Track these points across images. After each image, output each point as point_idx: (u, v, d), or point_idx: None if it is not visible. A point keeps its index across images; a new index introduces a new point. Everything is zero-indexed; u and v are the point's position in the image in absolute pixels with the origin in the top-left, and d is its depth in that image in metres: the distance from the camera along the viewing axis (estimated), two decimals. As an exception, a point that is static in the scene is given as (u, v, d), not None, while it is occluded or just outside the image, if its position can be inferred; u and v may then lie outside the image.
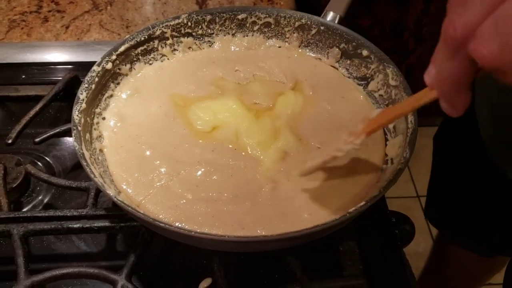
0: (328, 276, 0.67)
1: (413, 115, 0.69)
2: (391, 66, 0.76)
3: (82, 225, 0.69)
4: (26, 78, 0.93)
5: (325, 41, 0.85)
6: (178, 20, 0.85)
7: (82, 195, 0.75)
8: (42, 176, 0.76)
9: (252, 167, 0.71)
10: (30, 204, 0.79)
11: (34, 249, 0.73)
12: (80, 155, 0.65)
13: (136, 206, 0.66)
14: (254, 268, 0.71)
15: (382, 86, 0.78)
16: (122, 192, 0.68)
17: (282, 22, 0.87)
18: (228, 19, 0.87)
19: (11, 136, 0.79)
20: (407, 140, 0.67)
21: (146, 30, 0.83)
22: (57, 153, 0.85)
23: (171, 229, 0.58)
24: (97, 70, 0.76)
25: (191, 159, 0.72)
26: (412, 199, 2.18)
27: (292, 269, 0.66)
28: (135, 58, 0.83)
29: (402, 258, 0.72)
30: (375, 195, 0.61)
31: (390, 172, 0.66)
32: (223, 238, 0.59)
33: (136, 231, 0.69)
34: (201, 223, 0.64)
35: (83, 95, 0.72)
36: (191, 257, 0.71)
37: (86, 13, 1.11)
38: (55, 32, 1.06)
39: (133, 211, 0.59)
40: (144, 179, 0.70)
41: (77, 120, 0.69)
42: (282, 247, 0.65)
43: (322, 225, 0.58)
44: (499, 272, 1.27)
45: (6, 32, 1.05)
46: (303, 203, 0.67)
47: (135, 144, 0.74)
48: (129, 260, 0.65)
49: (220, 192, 0.68)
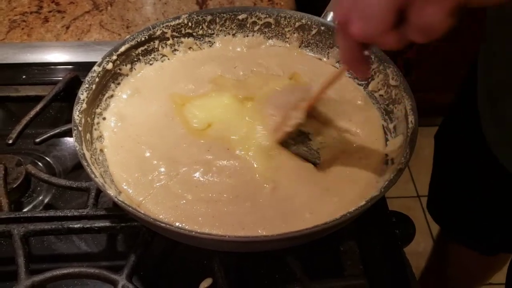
0: (329, 276, 0.67)
1: (413, 115, 0.69)
2: (391, 66, 0.76)
3: (83, 225, 0.69)
4: (27, 78, 0.93)
5: (326, 41, 0.85)
6: (178, 21, 0.85)
7: (83, 195, 0.75)
8: (42, 176, 0.76)
9: (248, 168, 0.71)
10: (31, 205, 0.79)
11: (35, 249, 0.73)
12: (81, 155, 0.65)
13: (137, 206, 0.66)
14: (255, 268, 0.71)
15: (383, 86, 0.78)
16: (122, 192, 0.69)
17: (283, 23, 0.87)
18: (228, 20, 0.87)
19: (12, 137, 0.79)
20: (407, 140, 0.68)
21: (146, 31, 0.83)
22: (58, 153, 0.85)
23: (172, 229, 0.58)
24: (97, 70, 0.76)
25: (190, 159, 0.72)
26: (412, 199, 2.17)
27: (292, 269, 0.66)
28: (136, 58, 0.83)
29: (402, 258, 0.72)
30: (376, 195, 0.61)
31: (391, 172, 0.66)
32: (223, 238, 0.59)
33: (136, 231, 0.69)
34: (202, 223, 0.64)
35: (84, 95, 0.72)
36: (192, 257, 0.71)
37: (87, 14, 1.11)
38: (55, 33, 1.06)
39: (134, 211, 0.60)
40: (144, 179, 0.70)
41: (77, 120, 0.69)
42: (282, 247, 0.65)
43: (322, 225, 0.58)
44: (500, 271, 1.27)
45: (7, 32, 1.05)
46: (303, 203, 0.67)
47: (135, 144, 0.74)
48: (129, 260, 0.65)
49: (220, 193, 0.68)
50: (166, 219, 0.65)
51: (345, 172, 0.71)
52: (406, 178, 2.19)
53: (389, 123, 0.76)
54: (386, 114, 0.77)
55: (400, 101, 0.74)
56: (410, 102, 0.71)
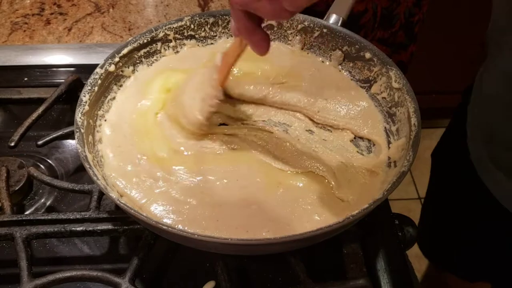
0: (332, 279, 0.66)
1: (416, 117, 0.69)
2: (394, 69, 0.76)
3: (85, 228, 0.69)
4: (29, 80, 0.93)
5: (328, 43, 0.85)
6: (181, 23, 0.85)
7: (85, 197, 0.75)
8: (44, 178, 0.76)
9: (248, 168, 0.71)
10: (33, 207, 0.79)
11: (37, 252, 0.73)
12: (83, 157, 0.65)
13: (139, 209, 0.66)
14: (258, 271, 0.71)
15: (385, 88, 0.78)
16: (124, 195, 0.68)
17: (285, 25, 0.87)
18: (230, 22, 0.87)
19: (14, 139, 0.79)
20: (410, 143, 0.67)
21: (149, 33, 0.83)
22: (60, 156, 0.85)
23: (174, 231, 0.58)
24: (100, 72, 0.76)
25: (193, 164, 0.72)
26: (413, 201, 2.17)
27: (295, 272, 0.66)
28: (138, 60, 0.83)
29: (405, 261, 0.72)
30: (379, 198, 0.61)
31: (393, 175, 0.66)
32: (226, 241, 0.59)
33: (139, 234, 0.69)
34: (205, 226, 0.64)
35: (86, 97, 0.72)
36: (194, 260, 0.71)
37: (89, 16, 1.11)
38: (57, 35, 1.06)
39: (136, 214, 0.59)
40: (144, 184, 0.69)
41: (80, 123, 0.69)
42: (286, 250, 0.65)
43: (325, 228, 0.58)
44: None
45: (9, 34, 1.05)
46: (307, 206, 0.67)
47: (134, 147, 0.74)
48: (132, 263, 0.65)
49: (225, 197, 0.68)
50: (169, 221, 0.65)
51: (348, 174, 0.71)
52: (407, 180, 2.19)
53: (391, 125, 0.76)
54: (389, 116, 0.77)
55: (403, 104, 0.74)
56: (413, 104, 0.71)
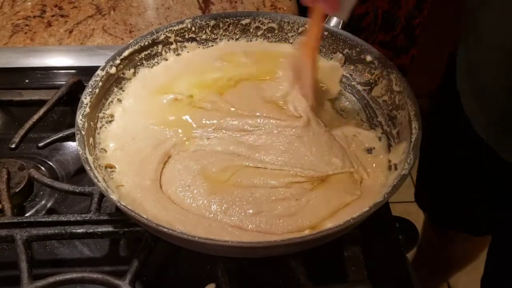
0: (333, 282, 0.67)
1: (417, 121, 0.69)
2: (394, 72, 0.76)
3: (86, 230, 0.69)
4: (30, 82, 0.93)
5: (329, 46, 0.85)
6: (182, 25, 0.85)
7: (86, 200, 0.75)
8: (45, 180, 0.76)
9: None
10: (33, 209, 0.78)
11: (37, 254, 0.73)
12: (84, 159, 0.65)
13: (140, 211, 0.66)
14: (258, 273, 0.71)
15: (386, 91, 0.78)
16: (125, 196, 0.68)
17: (286, 28, 0.87)
18: (231, 24, 0.87)
19: (15, 141, 0.79)
20: (411, 146, 0.67)
21: (150, 35, 0.83)
22: (61, 158, 0.85)
23: (175, 234, 0.58)
24: (101, 74, 0.76)
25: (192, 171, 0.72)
26: (414, 204, 2.16)
27: (296, 275, 0.66)
28: (139, 62, 0.83)
29: (406, 264, 0.72)
30: (379, 201, 0.61)
31: (394, 178, 0.66)
32: (226, 243, 0.59)
33: (139, 236, 0.69)
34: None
35: (87, 99, 0.72)
36: (195, 262, 0.71)
37: (90, 18, 1.11)
38: (58, 37, 1.06)
39: (137, 216, 0.59)
40: (145, 183, 0.69)
41: (80, 125, 0.69)
42: (286, 252, 0.65)
43: (326, 231, 0.58)
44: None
45: (10, 36, 1.05)
46: (308, 209, 0.67)
47: (133, 149, 0.74)
48: (132, 266, 0.65)
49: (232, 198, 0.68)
50: (169, 224, 0.65)
51: (349, 177, 0.71)
52: (407, 183, 2.18)
53: (392, 128, 0.76)
54: (390, 119, 0.77)
55: (403, 107, 0.74)
56: (413, 108, 0.71)
